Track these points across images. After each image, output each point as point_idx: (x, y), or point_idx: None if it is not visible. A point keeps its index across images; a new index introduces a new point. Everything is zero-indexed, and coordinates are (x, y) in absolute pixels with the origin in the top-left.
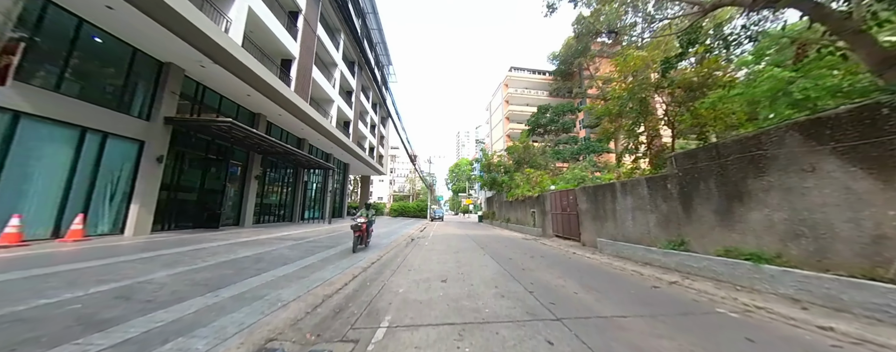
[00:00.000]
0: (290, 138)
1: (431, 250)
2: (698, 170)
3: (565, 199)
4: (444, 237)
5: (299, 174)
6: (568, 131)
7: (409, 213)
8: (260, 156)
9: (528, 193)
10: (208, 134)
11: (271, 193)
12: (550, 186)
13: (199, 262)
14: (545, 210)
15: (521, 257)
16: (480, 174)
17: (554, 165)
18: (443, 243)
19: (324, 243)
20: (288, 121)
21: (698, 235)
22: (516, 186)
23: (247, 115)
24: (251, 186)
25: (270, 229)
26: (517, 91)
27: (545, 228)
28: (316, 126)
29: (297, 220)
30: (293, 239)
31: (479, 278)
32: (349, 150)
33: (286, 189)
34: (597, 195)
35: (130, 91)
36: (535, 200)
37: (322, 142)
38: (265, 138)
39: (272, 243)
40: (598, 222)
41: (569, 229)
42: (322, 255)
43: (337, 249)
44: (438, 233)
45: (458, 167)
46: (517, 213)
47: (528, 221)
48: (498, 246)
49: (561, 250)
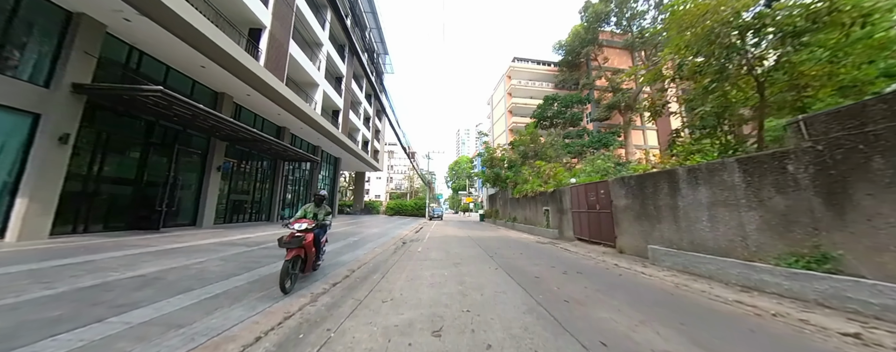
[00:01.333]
0: (266, 126)
1: (424, 260)
2: (866, 138)
3: (593, 193)
4: (443, 240)
5: (278, 167)
6: (576, 124)
7: (407, 211)
8: (225, 144)
9: (539, 188)
10: (147, 112)
11: (242, 187)
12: (570, 179)
13: (34, 289)
14: (563, 208)
15: (550, 274)
16: (482, 170)
17: (567, 158)
18: (440, 249)
19: (279, 252)
20: (259, 103)
21: (864, 246)
22: (523, 181)
23: (207, 94)
24: (212, 178)
25: (233, 231)
26: (520, 83)
27: (563, 228)
28: (296, 112)
29: (276, 219)
30: (246, 245)
31: (500, 323)
32: (338, 142)
33: (262, 184)
34: (643, 187)
35: (18, 46)
36: (549, 197)
37: (306, 132)
38: (223, 120)
39: (208, 252)
40: (645, 223)
41: (598, 231)
42: (262, 271)
43: None
44: (436, 234)
45: (458, 165)
46: (526, 211)
47: (540, 221)
48: (510, 253)
49: (596, 261)
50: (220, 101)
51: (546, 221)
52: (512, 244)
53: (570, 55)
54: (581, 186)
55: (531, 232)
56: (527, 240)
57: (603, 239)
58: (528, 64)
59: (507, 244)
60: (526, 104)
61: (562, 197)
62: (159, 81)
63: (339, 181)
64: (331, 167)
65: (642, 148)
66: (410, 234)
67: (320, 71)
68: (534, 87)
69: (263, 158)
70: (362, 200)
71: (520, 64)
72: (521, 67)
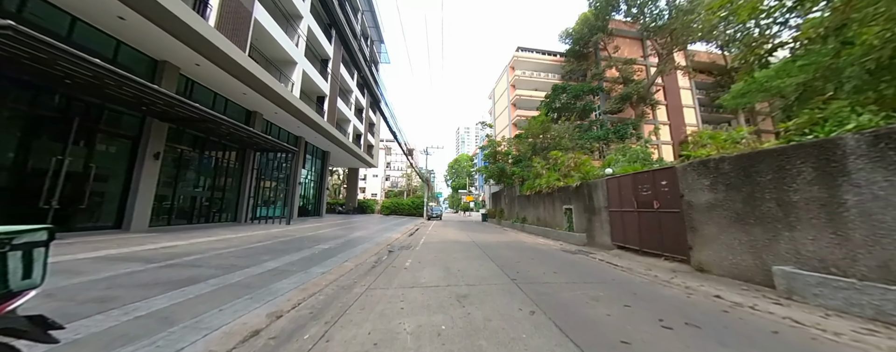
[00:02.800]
0: (231, 109)
1: (409, 289)
2: None
3: (646, 186)
4: (441, 247)
5: (248, 159)
6: (585, 117)
7: (403, 211)
8: (166, 126)
9: (558, 182)
10: (10, 67)
11: (196, 181)
12: (605, 169)
13: None
14: (594, 206)
15: (639, 327)
16: (485, 165)
17: (589, 146)
18: (436, 263)
19: (187, 275)
20: (215, 78)
21: None
22: (535, 175)
23: (145, 63)
24: (146, 169)
25: (172, 236)
26: (525, 74)
27: (594, 232)
28: (265, 91)
29: (245, 219)
30: (151, 261)
31: None
32: (324, 132)
33: (227, 178)
34: (753, 173)
35: None
36: (573, 193)
37: (283, 119)
38: (146, 89)
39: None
40: (755, 230)
41: (656, 238)
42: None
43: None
44: (433, 238)
45: (458, 163)
46: (539, 210)
47: (559, 223)
48: (538, 272)
49: (684, 291)
50: (161, 71)
51: (568, 223)
52: (531, 254)
53: (578, 44)
54: (625, 178)
55: (547, 236)
56: (547, 247)
57: (666, 250)
58: (533, 54)
59: (524, 254)
60: (530, 96)
61: (591, 193)
62: (62, 35)
63: (332, 179)
64: (317, 162)
65: (654, 143)
66: (402, 238)
67: (299, 48)
68: (539, 78)
69: (230, 147)
70: (355, 198)
71: (524, 54)
72: (525, 57)
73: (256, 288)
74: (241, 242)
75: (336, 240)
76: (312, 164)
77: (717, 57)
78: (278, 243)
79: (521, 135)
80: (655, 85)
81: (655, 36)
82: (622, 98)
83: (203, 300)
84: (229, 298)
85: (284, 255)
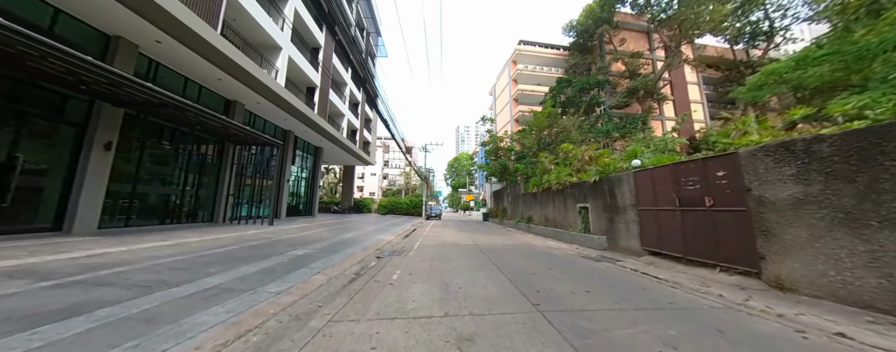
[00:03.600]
0: (206, 96)
1: (396, 311)
2: None
3: (695, 179)
4: (439, 252)
5: (227, 153)
6: (590, 112)
7: (401, 210)
8: (121, 112)
9: (569, 178)
10: None
11: (166, 178)
12: (632, 161)
13: None
14: (617, 204)
15: None
16: (486, 162)
17: (598, 140)
18: (432, 274)
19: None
20: (183, 59)
21: None
22: (543, 171)
23: (95, 39)
24: (93, 161)
25: (116, 240)
26: (527, 68)
27: (616, 235)
28: (242, 76)
29: (224, 219)
30: (37, 277)
31: None
32: (314, 125)
33: (200, 174)
34: (872, 157)
35: None
36: (590, 189)
37: (267, 110)
38: (81, 62)
39: None
40: (882, 236)
41: (710, 245)
42: None
43: None
44: (431, 239)
45: (458, 161)
46: (547, 209)
47: (572, 223)
48: (566, 290)
49: (784, 324)
50: (115, 48)
51: (583, 224)
52: (546, 262)
53: (582, 37)
54: (661, 170)
55: (559, 238)
56: (563, 252)
57: (722, 259)
58: (536, 48)
59: (539, 262)
60: (533, 91)
61: (613, 189)
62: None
63: (328, 177)
64: (309, 158)
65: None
66: (395, 240)
67: (284, 32)
68: (542, 73)
69: (206, 139)
70: (351, 197)
71: (526, 47)
72: (527, 51)
73: (161, 324)
74: (200, 247)
75: (317, 243)
76: (303, 160)
77: (725, 51)
78: (244, 249)
79: (526, 129)
80: (662, 80)
81: (663, 27)
82: (629, 92)
83: None
84: (99, 347)
85: (242, 265)
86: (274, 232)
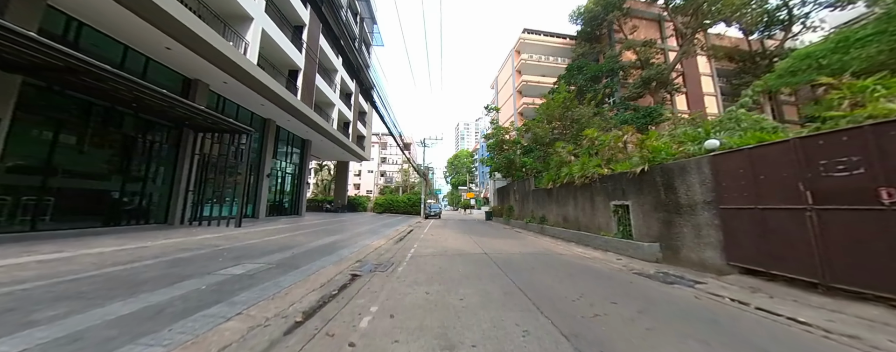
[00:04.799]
0: (155, 70)
1: None
2: None
3: (851, 161)
4: (439, 264)
5: (186, 142)
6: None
7: (399, 208)
8: (18, 79)
9: (597, 170)
10: None
11: (93, 168)
12: (708, 141)
13: None
14: (678, 202)
15: None
16: (490, 156)
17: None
18: (427, 311)
19: None
20: (112, 15)
21: None
22: (559, 163)
23: None
24: None
25: (6, 252)
26: (532, 58)
27: (678, 244)
28: (197, 45)
29: (180, 221)
30: None
31: None
32: (296, 112)
33: (149, 167)
34: None
35: None
36: (632, 183)
37: (238, 91)
38: None
39: None
40: None
41: (873, 269)
42: None
43: None
44: (429, 245)
45: (458, 158)
46: (567, 208)
47: (605, 226)
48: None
49: None
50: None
51: (621, 227)
52: (594, 285)
53: (590, 25)
54: (774, 149)
55: (585, 243)
56: (604, 266)
57: None
58: (541, 36)
59: (585, 286)
60: (538, 82)
61: (671, 180)
62: None
63: (322, 174)
64: (295, 151)
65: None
66: (385, 246)
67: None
68: (547, 63)
69: (157, 124)
70: (345, 194)
71: (531, 36)
72: (532, 40)
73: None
74: (93, 263)
75: (278, 254)
76: (288, 154)
77: (739, 42)
78: (160, 265)
79: (537, 118)
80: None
81: (678, 14)
82: (643, 82)
83: None
84: None
85: (119, 301)
86: (232, 237)
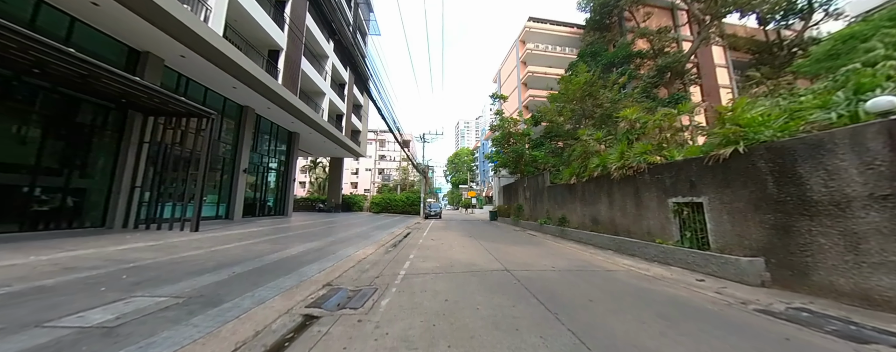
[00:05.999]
0: (89, 37)
1: None
2: None
3: None
4: (443, 291)
5: (134, 127)
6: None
7: (397, 207)
8: None
9: (646, 158)
10: None
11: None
12: (884, 97)
13: None
14: (807, 198)
15: None
16: (497, 151)
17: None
18: None
19: None
20: None
21: None
22: (584, 153)
23: None
24: None
25: None
26: (538, 48)
27: (798, 260)
28: (139, 5)
29: (126, 223)
30: None
31: None
32: (277, 98)
33: (86, 156)
34: None
35: None
36: (708, 172)
37: (202, 70)
38: None
39: None
40: None
41: None
42: None
43: None
44: (429, 255)
45: (458, 157)
46: (599, 207)
47: (658, 231)
48: None
49: None
50: None
51: (686, 233)
52: (702, 334)
53: (600, 13)
54: None
55: (629, 251)
56: (691, 293)
57: None
58: (547, 25)
59: (696, 342)
60: (545, 74)
61: (794, 166)
62: None
63: (317, 171)
64: (280, 145)
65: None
66: (372, 258)
67: None
68: (554, 53)
69: (88, 102)
70: (339, 193)
71: (537, 25)
72: (538, 29)
73: None
74: None
75: (209, 276)
76: (272, 147)
77: (755, 32)
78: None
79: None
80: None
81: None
82: (660, 71)
83: None
84: None
85: None
86: (171, 248)
